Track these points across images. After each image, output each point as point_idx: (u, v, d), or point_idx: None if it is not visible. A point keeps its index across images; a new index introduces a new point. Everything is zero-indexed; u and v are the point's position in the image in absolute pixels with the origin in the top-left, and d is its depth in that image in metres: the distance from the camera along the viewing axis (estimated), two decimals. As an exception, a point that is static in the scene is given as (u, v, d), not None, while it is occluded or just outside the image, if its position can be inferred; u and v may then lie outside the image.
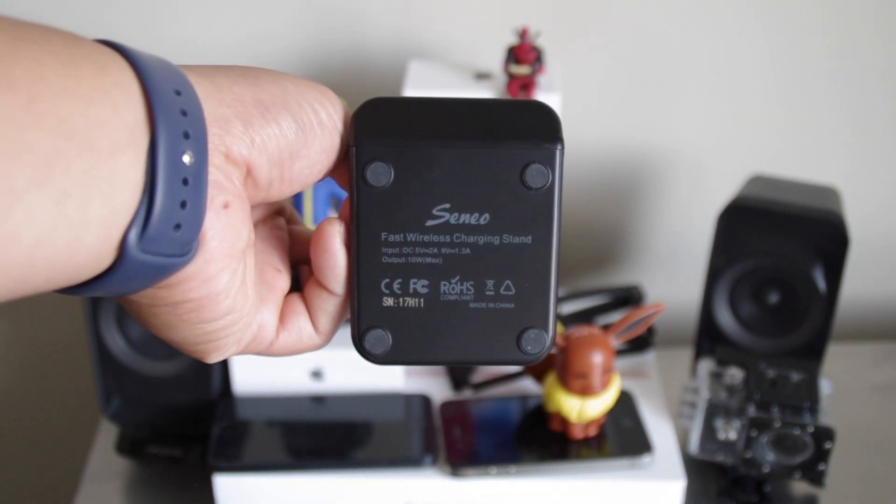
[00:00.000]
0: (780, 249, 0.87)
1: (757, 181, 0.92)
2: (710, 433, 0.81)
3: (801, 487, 0.84)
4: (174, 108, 0.32)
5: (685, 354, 0.96)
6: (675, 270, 1.11)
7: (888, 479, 0.88)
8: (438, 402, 0.84)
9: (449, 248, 0.38)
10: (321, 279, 0.39)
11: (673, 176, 1.07)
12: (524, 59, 0.82)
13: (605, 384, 0.77)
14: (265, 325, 0.38)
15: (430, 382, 0.87)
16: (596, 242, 1.11)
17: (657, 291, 1.08)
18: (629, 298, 0.95)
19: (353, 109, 0.39)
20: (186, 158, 0.32)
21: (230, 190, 0.34)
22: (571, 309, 0.93)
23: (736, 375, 0.82)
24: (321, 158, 0.37)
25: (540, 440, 0.79)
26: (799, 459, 0.79)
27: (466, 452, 0.78)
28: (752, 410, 0.79)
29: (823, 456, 0.78)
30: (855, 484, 0.86)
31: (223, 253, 0.34)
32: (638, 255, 1.11)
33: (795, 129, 1.05)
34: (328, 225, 0.38)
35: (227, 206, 0.34)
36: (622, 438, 0.79)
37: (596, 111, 1.03)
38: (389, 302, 0.38)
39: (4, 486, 1.22)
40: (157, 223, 0.31)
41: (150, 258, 0.32)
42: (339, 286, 0.39)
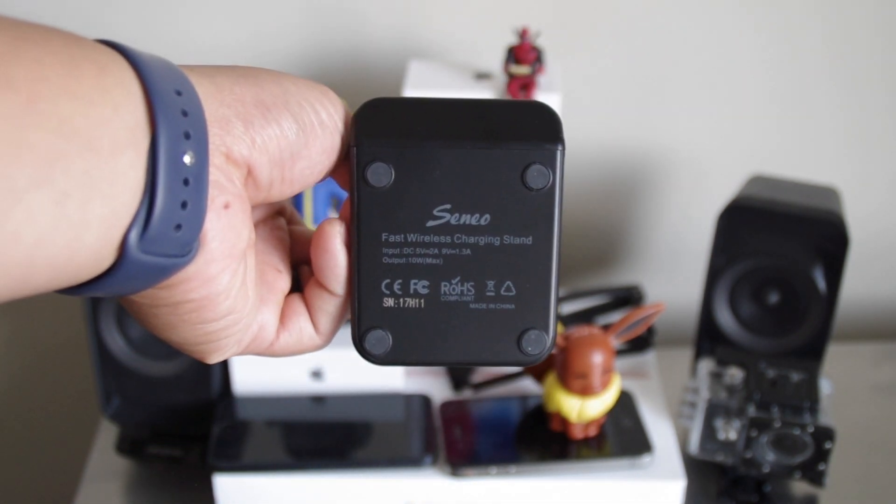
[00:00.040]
0: (780, 249, 0.87)
1: (757, 181, 0.92)
2: (710, 433, 0.81)
3: (801, 487, 0.84)
4: (175, 108, 0.32)
5: (685, 354, 0.96)
6: (675, 270, 1.11)
7: (888, 479, 0.88)
8: (438, 402, 0.84)
9: (449, 248, 0.38)
10: (322, 279, 0.39)
11: (673, 176, 1.07)
12: (524, 59, 0.82)
13: (605, 384, 0.77)
14: (266, 325, 0.38)
15: (430, 382, 0.87)
16: (596, 242, 1.10)
17: (657, 291, 1.08)
18: (629, 298, 0.95)
19: (353, 109, 0.39)
20: (187, 159, 0.32)
21: (231, 190, 0.34)
22: (571, 309, 0.93)
23: (736, 375, 0.82)
24: (322, 159, 0.37)
25: (540, 440, 0.79)
26: (799, 459, 0.79)
27: (466, 452, 0.78)
28: (752, 410, 0.79)
29: (823, 456, 0.78)
30: (855, 484, 0.86)
31: (224, 253, 0.34)
32: (638, 255, 1.11)
33: (795, 129, 1.05)
34: (328, 225, 0.38)
35: (227, 206, 0.34)
36: (622, 438, 0.79)
37: (596, 111, 1.03)
38: (390, 302, 0.38)
39: (4, 486, 1.22)
40: (157, 223, 0.31)
41: (150, 258, 0.32)
42: (339, 287, 0.38)
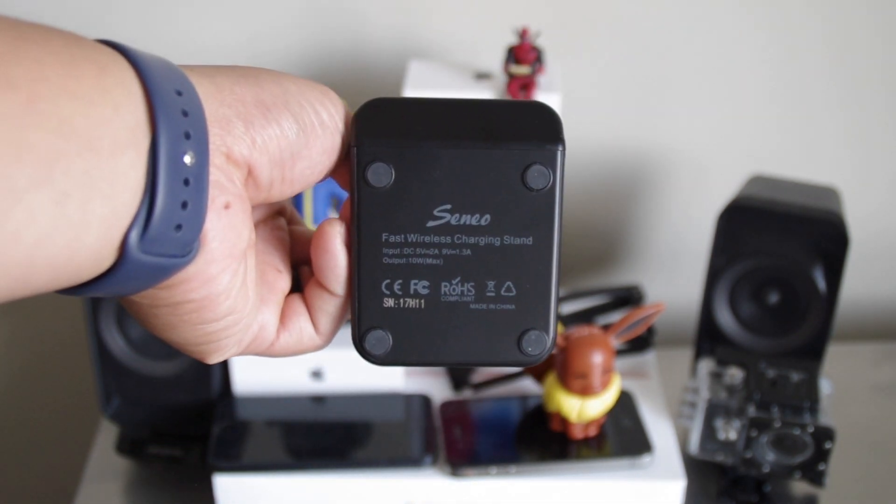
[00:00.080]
0: (780, 249, 0.87)
1: (757, 181, 0.92)
2: (710, 433, 0.81)
3: (801, 487, 0.84)
4: (175, 108, 0.32)
5: (685, 354, 0.96)
6: (675, 270, 1.11)
7: (888, 479, 0.88)
8: (438, 402, 0.84)
9: (450, 248, 0.38)
10: (322, 280, 0.39)
11: (673, 176, 1.07)
12: (524, 59, 0.82)
13: (605, 384, 0.77)
14: (266, 325, 0.38)
15: (430, 382, 0.87)
16: (596, 242, 1.10)
17: (657, 291, 1.08)
18: (629, 298, 0.95)
19: (353, 109, 0.38)
20: (187, 159, 0.32)
21: (231, 190, 0.34)
22: (571, 309, 0.93)
23: (736, 375, 0.82)
24: (322, 159, 0.37)
25: (540, 440, 0.79)
26: (799, 459, 0.79)
27: (466, 452, 0.78)
28: (752, 410, 0.79)
29: (823, 456, 0.78)
30: (855, 484, 0.86)
31: (224, 253, 0.34)
32: (638, 255, 1.11)
33: (795, 129, 1.05)
34: (329, 225, 0.38)
35: (228, 206, 0.34)
36: (622, 438, 0.79)
37: (596, 111, 1.03)
38: (390, 303, 0.38)
39: (4, 486, 1.22)
40: (157, 224, 0.31)
41: (150, 259, 0.32)
42: (339, 287, 0.38)
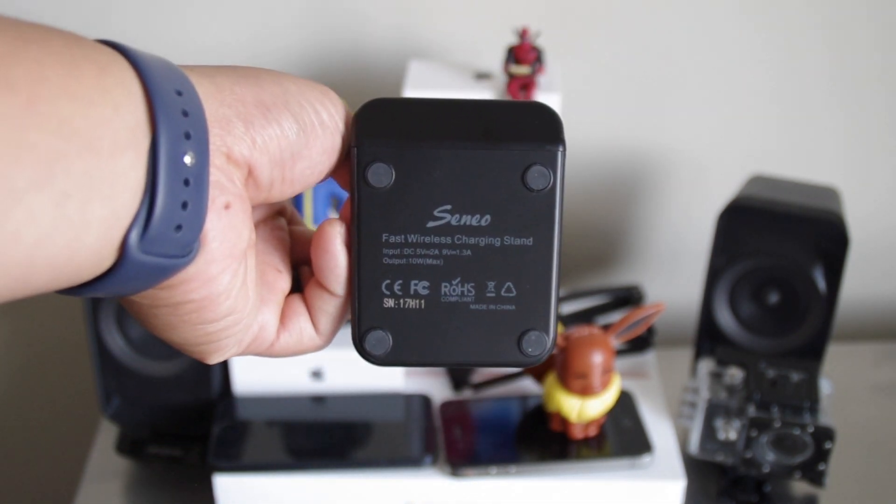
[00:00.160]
0: (780, 249, 0.87)
1: (757, 181, 0.92)
2: (710, 433, 0.81)
3: (801, 487, 0.84)
4: (175, 108, 0.32)
5: (685, 354, 0.96)
6: (675, 270, 1.11)
7: (888, 479, 0.88)
8: (438, 402, 0.84)
9: (450, 249, 0.38)
10: (322, 280, 0.39)
11: (673, 176, 1.07)
12: (524, 59, 0.82)
13: (605, 384, 0.77)
14: (266, 325, 0.38)
15: (430, 382, 0.87)
16: (596, 242, 1.10)
17: (657, 291, 1.08)
18: (629, 298, 0.95)
19: (353, 110, 0.38)
20: (188, 159, 0.32)
21: (231, 191, 0.34)
22: (571, 309, 0.93)
23: (736, 375, 0.82)
24: (322, 159, 0.37)
25: (540, 440, 0.79)
26: (799, 459, 0.79)
27: (466, 452, 0.78)
28: (752, 410, 0.79)
29: (823, 456, 0.78)
30: (855, 484, 0.86)
31: (224, 254, 0.34)
32: (638, 255, 1.11)
33: (795, 129, 1.05)
34: (329, 226, 0.38)
35: (228, 206, 0.34)
36: (622, 438, 0.79)
37: (596, 111, 1.03)
38: (390, 303, 0.38)
39: (4, 486, 1.22)
40: (157, 224, 0.31)
41: (150, 259, 0.32)
42: (339, 287, 0.38)
